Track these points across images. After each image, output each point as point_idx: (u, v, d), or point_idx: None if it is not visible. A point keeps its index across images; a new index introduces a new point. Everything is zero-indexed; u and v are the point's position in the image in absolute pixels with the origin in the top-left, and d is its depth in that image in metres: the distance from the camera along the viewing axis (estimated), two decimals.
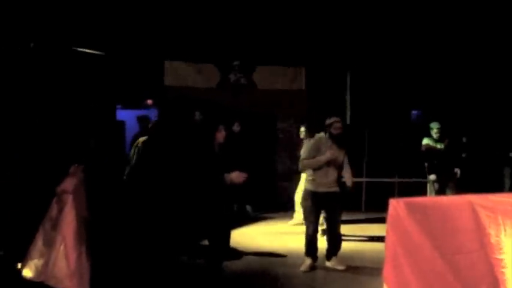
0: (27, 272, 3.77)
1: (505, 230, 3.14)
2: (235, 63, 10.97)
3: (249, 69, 11.10)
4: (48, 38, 8.06)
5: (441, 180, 8.10)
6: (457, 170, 8.08)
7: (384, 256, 3.10)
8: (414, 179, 9.91)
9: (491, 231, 3.11)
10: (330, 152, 6.22)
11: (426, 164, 8.30)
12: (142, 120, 9.10)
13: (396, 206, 2.95)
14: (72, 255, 3.35)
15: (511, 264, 3.11)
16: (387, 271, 2.98)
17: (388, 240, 3.01)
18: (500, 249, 3.10)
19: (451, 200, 3.44)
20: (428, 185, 8.31)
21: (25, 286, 3.99)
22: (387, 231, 3.00)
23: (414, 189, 9.92)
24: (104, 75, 9.31)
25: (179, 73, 10.79)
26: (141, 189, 5.74)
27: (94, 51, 9.16)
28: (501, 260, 3.10)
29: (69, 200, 3.38)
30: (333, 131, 6.36)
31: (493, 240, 3.10)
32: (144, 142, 6.44)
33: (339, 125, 6.40)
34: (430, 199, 3.48)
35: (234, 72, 11.03)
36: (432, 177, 8.10)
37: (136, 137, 7.75)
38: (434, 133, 8.09)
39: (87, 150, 7.47)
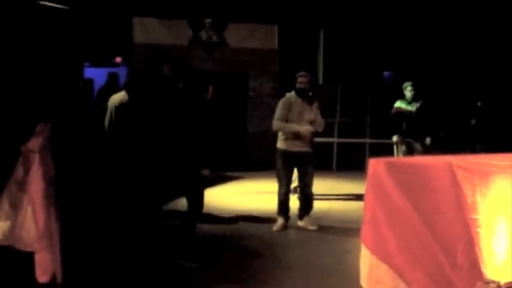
0: None
1: (480, 191, 3.15)
2: (207, 20, 10.69)
3: (221, 27, 10.86)
4: None
5: (408, 142, 8.01)
6: (428, 139, 7.84)
7: (356, 214, 3.08)
8: (385, 140, 9.98)
9: (468, 191, 3.13)
10: (304, 128, 6.18)
11: (391, 126, 8.22)
12: (112, 77, 8.88)
13: (376, 166, 2.91)
14: (41, 217, 3.22)
15: (485, 224, 3.13)
16: (365, 231, 2.97)
17: (367, 200, 2.97)
18: (476, 209, 3.12)
19: (430, 160, 3.41)
20: (394, 147, 8.29)
21: None
22: (366, 191, 2.97)
23: (385, 150, 9.98)
24: (70, 31, 8.95)
25: (149, 30, 10.48)
26: (125, 145, 5.58)
27: (59, 6, 8.75)
28: (476, 219, 3.12)
29: (35, 159, 3.23)
30: (298, 85, 6.33)
31: (469, 200, 3.12)
32: (120, 101, 6.22)
33: (303, 79, 6.35)
34: (410, 159, 3.48)
35: (206, 30, 10.78)
36: (395, 138, 8.03)
37: (100, 92, 7.57)
38: (408, 92, 7.97)
39: (53, 109, 7.22)
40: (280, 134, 6.41)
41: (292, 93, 6.43)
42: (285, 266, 5.20)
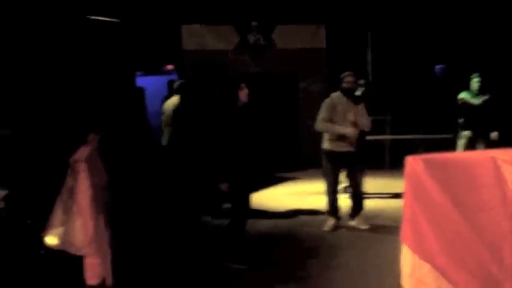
0: (50, 240, 3.81)
1: None
2: (254, 23, 10.78)
3: (268, 29, 10.91)
4: (62, 7, 7.99)
5: (472, 137, 7.70)
6: (495, 134, 7.47)
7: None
8: (439, 135, 9.69)
9: None
10: (349, 130, 6.11)
11: (461, 120, 7.88)
12: (171, 85, 9.03)
13: (413, 163, 2.84)
14: (89, 223, 3.36)
15: None
16: (406, 230, 2.90)
17: (405, 198, 2.91)
18: None
19: (472, 155, 3.30)
20: (458, 142, 7.98)
21: (50, 254, 4.05)
22: (405, 190, 2.90)
23: (439, 145, 9.68)
24: (121, 43, 9.25)
25: (197, 36, 10.68)
26: (181, 151, 5.72)
27: (109, 19, 9.06)
28: None
29: (82, 168, 3.37)
30: (345, 85, 6.27)
31: None
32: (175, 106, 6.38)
33: (350, 78, 6.29)
34: (450, 155, 3.35)
35: (253, 33, 10.86)
36: (466, 133, 7.70)
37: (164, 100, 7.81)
38: (475, 84, 7.63)
39: (105, 119, 7.48)
40: (325, 134, 6.38)
41: (337, 93, 6.39)
42: (336, 266, 5.18)
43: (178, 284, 4.64)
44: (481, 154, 3.09)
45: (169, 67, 11.40)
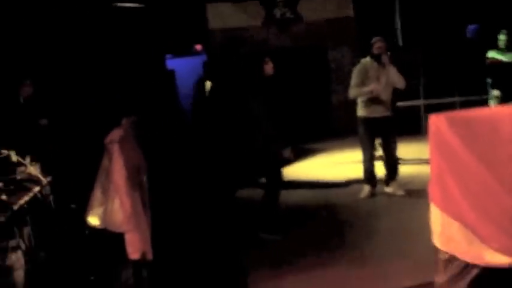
0: (92, 220, 3.99)
1: None
2: None
3: (294, 2, 10.84)
4: None
5: (505, 96, 7.55)
6: None
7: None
8: (475, 97, 9.50)
9: None
10: (373, 86, 6.11)
11: (489, 80, 7.74)
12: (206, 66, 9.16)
13: (437, 121, 2.84)
14: (127, 201, 3.50)
15: None
16: (433, 190, 2.92)
17: (432, 158, 2.92)
18: None
19: (495, 110, 3.28)
20: (490, 102, 7.83)
21: (94, 233, 4.24)
22: (430, 149, 2.92)
23: (474, 107, 9.43)
24: (148, 27, 9.35)
25: (223, 14, 10.69)
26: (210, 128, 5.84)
27: (134, 5, 9.17)
28: None
29: (115, 148, 3.51)
30: (375, 51, 6.24)
31: None
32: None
33: (380, 44, 6.25)
34: (474, 111, 3.32)
35: (279, 7, 10.81)
36: (496, 92, 7.56)
37: (201, 80, 7.93)
38: (502, 42, 7.46)
39: (138, 103, 7.65)
40: (359, 101, 6.37)
41: (367, 58, 6.37)
42: (372, 232, 5.23)
43: (215, 255, 4.78)
44: (505, 109, 3.07)
45: (198, 48, 11.46)
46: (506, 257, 2.69)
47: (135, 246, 3.52)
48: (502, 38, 7.42)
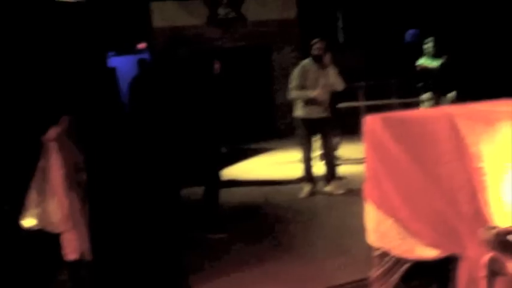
0: (28, 222, 3.88)
1: (484, 139, 3.13)
2: None
3: (238, 2, 10.88)
4: None
5: (435, 100, 7.91)
6: (452, 94, 7.70)
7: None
8: (412, 99, 9.83)
9: (471, 140, 3.10)
10: (317, 92, 6.24)
11: (421, 84, 8.13)
12: (141, 63, 9.02)
13: (372, 122, 2.94)
14: (64, 200, 3.44)
15: (491, 171, 3.12)
16: (368, 188, 3.02)
17: (367, 157, 3.02)
18: (480, 157, 3.10)
19: (428, 112, 3.43)
20: (422, 105, 8.20)
21: (30, 236, 4.12)
22: (365, 149, 3.01)
23: (414, 108, 9.76)
24: (90, 24, 9.13)
25: (167, 13, 10.61)
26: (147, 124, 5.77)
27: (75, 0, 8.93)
28: (481, 168, 3.11)
29: (52, 147, 3.43)
30: (314, 52, 6.36)
31: (472, 149, 3.10)
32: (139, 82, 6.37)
33: (319, 45, 6.39)
34: (409, 113, 3.46)
35: (223, 7, 10.82)
36: (424, 96, 7.95)
37: (135, 80, 7.81)
38: (429, 49, 7.87)
39: (77, 101, 7.45)
40: (297, 102, 6.48)
41: (307, 60, 6.48)
42: (313, 230, 5.33)
43: (156, 255, 4.75)
44: (438, 110, 3.21)
45: (141, 46, 11.32)
46: (434, 250, 2.83)
47: (73, 246, 3.46)
48: (429, 45, 7.84)
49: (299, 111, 6.47)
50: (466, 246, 2.76)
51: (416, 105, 9.79)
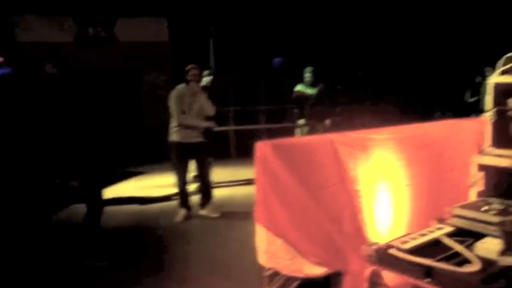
0: None
1: (361, 164, 3.42)
2: (94, 16, 10.43)
3: (109, 22, 10.64)
4: None
5: (311, 125, 8.37)
6: (328, 121, 8.22)
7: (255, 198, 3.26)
8: (281, 124, 10.32)
9: (350, 165, 3.37)
10: (207, 124, 6.37)
11: (297, 110, 8.55)
12: None
13: (263, 148, 3.08)
14: None
15: (366, 193, 3.42)
16: (259, 211, 3.13)
17: (257, 181, 3.14)
18: (357, 180, 3.39)
19: (314, 139, 3.66)
20: (296, 130, 8.65)
21: None
22: (256, 173, 3.14)
23: (282, 134, 10.24)
24: None
25: (32, 28, 10.04)
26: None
27: None
28: (358, 190, 3.39)
29: None
30: (190, 77, 6.46)
31: (351, 173, 3.37)
32: None
33: (194, 71, 6.50)
34: (296, 139, 3.69)
35: (93, 25, 10.51)
36: (301, 121, 8.39)
37: None
38: (307, 78, 8.31)
39: None
40: (172, 126, 6.49)
41: (182, 85, 6.54)
42: (189, 255, 5.31)
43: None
44: (322, 137, 3.44)
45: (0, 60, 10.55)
46: (321, 268, 3.01)
47: None
48: (307, 74, 8.32)
49: (174, 136, 6.48)
50: (350, 262, 2.99)
51: (283, 130, 10.30)
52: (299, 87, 8.40)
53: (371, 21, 11.52)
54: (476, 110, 9.62)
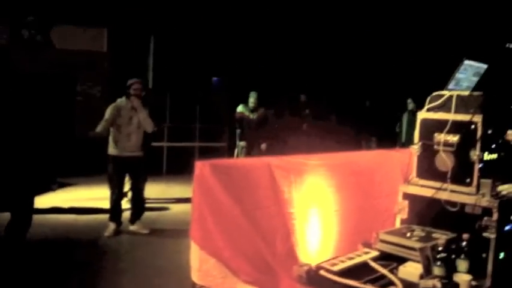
0: None
1: (295, 187, 3.56)
2: (30, 18, 10.13)
3: (46, 27, 10.37)
4: None
5: (249, 147, 8.53)
6: (264, 145, 8.40)
7: (186, 216, 3.30)
8: (214, 144, 10.39)
9: (285, 188, 3.50)
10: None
11: (238, 131, 8.68)
12: None
13: (202, 167, 3.14)
14: None
15: (299, 216, 3.55)
16: (194, 229, 3.17)
17: (194, 199, 3.19)
18: (291, 203, 3.52)
19: (251, 161, 3.77)
20: (236, 150, 8.78)
21: None
22: (193, 191, 3.19)
23: (214, 153, 10.38)
24: None
25: None
26: None
27: None
28: (292, 213, 3.52)
29: None
30: (132, 92, 6.43)
31: (286, 196, 3.50)
32: None
33: (137, 86, 6.47)
34: (234, 161, 3.77)
35: (28, 28, 10.20)
36: (242, 143, 8.53)
37: None
38: (251, 103, 8.45)
39: None
40: (110, 139, 6.40)
41: (123, 98, 6.48)
42: (117, 270, 5.20)
43: None
44: (259, 160, 3.55)
45: None
46: (253, 287, 3.08)
47: None
48: (251, 100, 8.47)
49: (112, 149, 6.38)
50: (281, 282, 3.08)
51: (215, 150, 10.40)
52: (241, 109, 8.54)
53: (314, 40, 11.89)
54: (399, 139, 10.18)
